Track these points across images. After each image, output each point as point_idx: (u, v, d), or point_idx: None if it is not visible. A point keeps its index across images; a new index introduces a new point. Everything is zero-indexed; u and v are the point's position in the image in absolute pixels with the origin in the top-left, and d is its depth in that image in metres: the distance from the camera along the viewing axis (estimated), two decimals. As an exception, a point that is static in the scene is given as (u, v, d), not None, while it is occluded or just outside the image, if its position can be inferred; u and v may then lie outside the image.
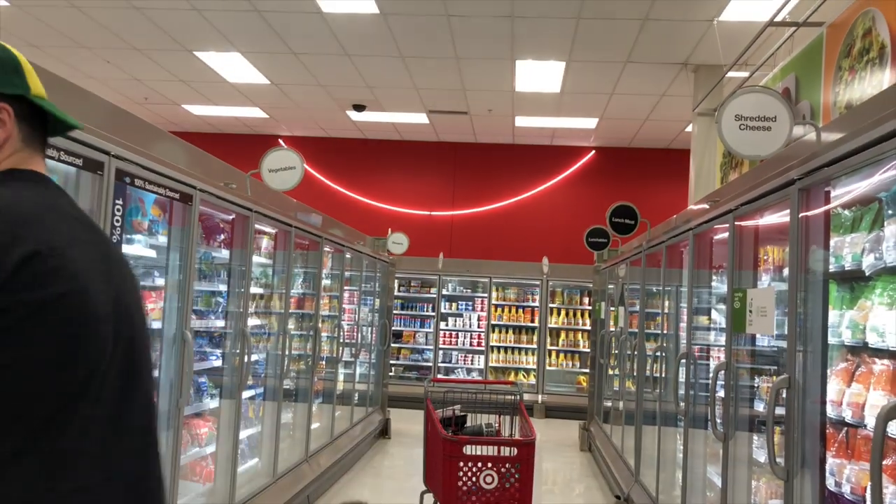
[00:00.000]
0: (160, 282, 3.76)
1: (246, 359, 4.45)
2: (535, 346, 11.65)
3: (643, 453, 5.73)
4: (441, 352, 11.79)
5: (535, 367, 11.57)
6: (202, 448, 4.35)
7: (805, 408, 2.69)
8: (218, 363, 4.47)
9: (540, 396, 11.28)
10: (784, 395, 2.71)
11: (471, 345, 11.82)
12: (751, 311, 3.11)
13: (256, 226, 4.65)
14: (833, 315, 2.75)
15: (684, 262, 4.84)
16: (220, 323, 4.50)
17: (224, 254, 4.51)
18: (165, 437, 3.65)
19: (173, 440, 3.64)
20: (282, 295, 5.36)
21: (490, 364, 11.63)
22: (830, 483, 2.65)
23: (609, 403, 8.06)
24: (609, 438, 7.53)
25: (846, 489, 2.55)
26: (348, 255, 7.21)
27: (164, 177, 3.37)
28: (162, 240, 3.72)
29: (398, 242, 9.41)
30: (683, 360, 4.39)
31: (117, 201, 2.98)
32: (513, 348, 11.74)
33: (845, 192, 2.64)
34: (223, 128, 12.55)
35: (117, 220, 3.00)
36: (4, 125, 1.28)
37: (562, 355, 11.66)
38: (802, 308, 2.69)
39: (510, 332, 11.77)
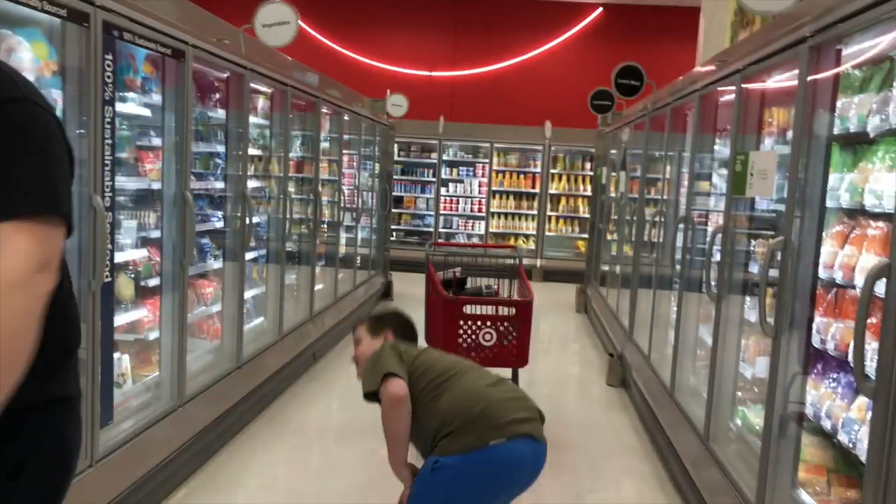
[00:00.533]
0: (157, 142, 3.73)
1: (247, 220, 4.48)
2: (535, 211, 11.71)
3: (637, 315, 5.89)
4: (442, 217, 11.87)
5: (534, 232, 11.69)
6: (208, 307, 4.47)
7: (798, 269, 2.74)
8: (220, 225, 4.50)
9: (539, 261, 11.47)
10: (779, 257, 2.75)
11: (471, 210, 11.88)
12: (752, 175, 3.09)
13: (252, 85, 4.54)
14: (833, 178, 2.74)
15: (688, 126, 4.77)
16: (220, 185, 4.50)
17: (220, 114, 4.43)
18: (172, 297, 3.74)
19: (179, 299, 3.74)
20: (280, 158, 5.32)
21: (490, 230, 11.74)
22: (816, 340, 2.74)
23: (606, 267, 8.22)
24: (605, 300, 7.73)
25: (830, 346, 2.64)
26: (346, 118, 7.09)
27: (154, 31, 3.25)
28: (156, 98, 3.65)
29: (397, 104, 9.23)
30: (682, 224, 4.42)
31: (107, 56, 2.89)
32: (513, 214, 11.81)
33: (857, 50, 2.55)
34: (214, -17, 11.99)
35: (108, 76, 2.93)
36: None
37: (561, 221, 11.75)
38: (804, 171, 2.67)
39: (511, 197, 11.80)
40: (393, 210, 11.62)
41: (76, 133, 2.82)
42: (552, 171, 11.67)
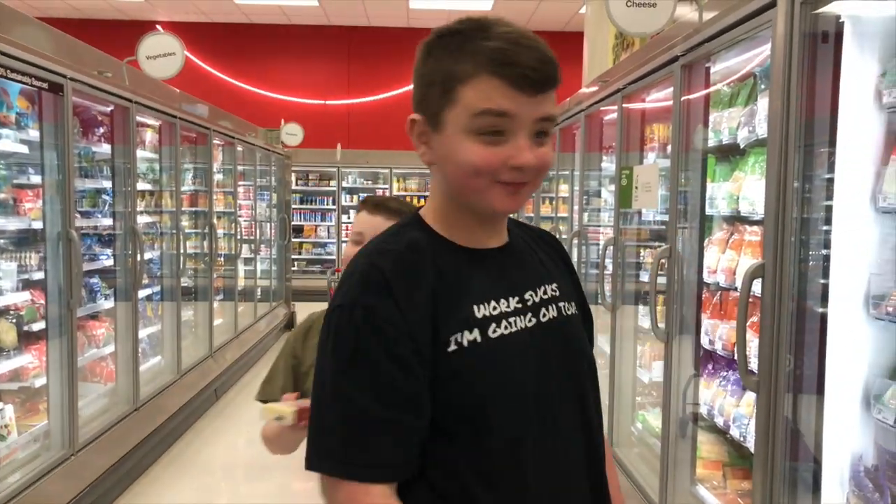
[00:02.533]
0: (36, 179, 3.55)
1: (139, 257, 4.32)
2: (436, 234, 11.80)
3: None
4: (343, 244, 11.78)
5: (437, 254, 11.77)
6: (100, 349, 4.25)
7: (684, 275, 2.88)
8: (109, 263, 4.31)
9: (443, 283, 11.55)
10: (665, 265, 2.89)
11: (373, 236, 11.85)
12: (636, 188, 3.25)
13: (138, 118, 4.40)
14: (711, 188, 2.92)
15: (576, 145, 4.96)
16: (108, 221, 4.32)
17: (105, 148, 4.27)
18: (59, 340, 3.55)
19: (68, 342, 3.54)
20: (172, 192, 5.16)
21: (393, 254, 11.75)
22: (705, 342, 2.89)
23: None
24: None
25: (718, 346, 2.79)
26: (240, 148, 6.97)
27: (28, 64, 3.11)
28: (34, 134, 3.47)
29: (292, 133, 9.14)
30: (576, 240, 4.58)
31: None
32: (415, 237, 11.85)
33: (724, 67, 2.74)
34: (93, 13, 11.57)
35: (-21, 113, 2.77)
36: None
37: (463, 242, 11.89)
38: (683, 181, 2.83)
39: (412, 221, 11.85)
40: (294, 239, 11.45)
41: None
42: (451, 193, 11.82)
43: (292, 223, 11.32)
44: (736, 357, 2.15)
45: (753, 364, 2.20)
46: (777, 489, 1.99)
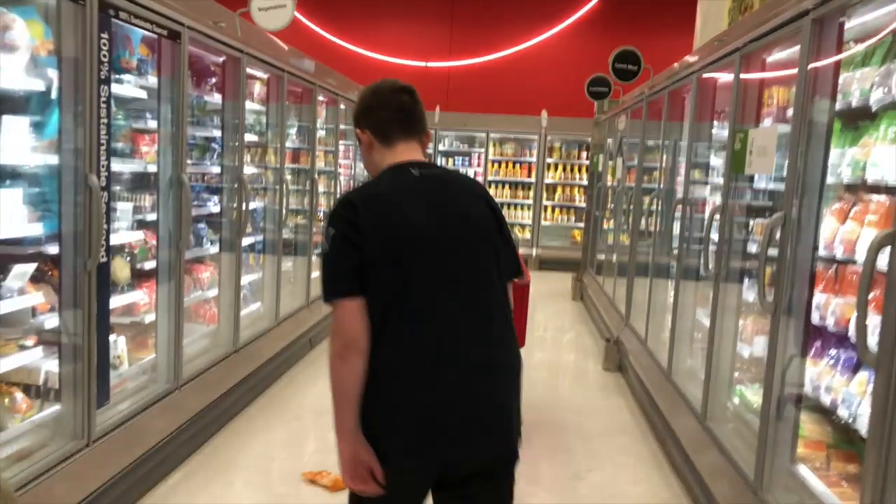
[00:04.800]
0: (152, 125, 3.70)
1: (244, 206, 4.45)
2: (531, 201, 11.69)
3: (634, 301, 5.89)
4: (437, 207, 11.83)
5: (530, 222, 11.68)
6: (204, 292, 4.45)
7: (798, 246, 2.73)
8: (216, 209, 4.47)
9: (535, 250, 11.46)
10: (778, 234, 2.74)
11: (467, 200, 11.84)
12: (751, 152, 3.08)
13: (248, 70, 4.51)
14: (834, 154, 2.73)
15: (686, 112, 4.76)
16: (216, 169, 4.47)
17: (216, 98, 4.40)
18: (168, 280, 3.72)
19: (176, 283, 3.71)
20: (276, 148, 5.28)
21: (486, 219, 11.72)
22: (815, 317, 2.74)
23: (602, 256, 8.21)
24: (601, 288, 7.73)
25: (830, 322, 2.64)
26: (342, 107, 7.05)
27: (151, 11, 3.22)
28: (152, 80, 3.62)
29: (394, 94, 9.18)
30: (679, 207, 4.42)
31: (102, 35, 2.86)
32: (509, 204, 11.78)
33: (860, 23, 2.54)
34: (208, -28, 11.93)
35: (104, 56, 2.90)
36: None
37: (557, 210, 11.74)
38: (805, 146, 2.66)
39: (507, 187, 11.78)
40: (389, 200, 11.58)
41: (72, 112, 2.79)
42: (548, 160, 11.66)
43: (388, 184, 11.44)
44: (853, 332, 2.02)
45: (872, 341, 2.06)
46: (892, 473, 1.87)
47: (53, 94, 2.80)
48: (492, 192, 11.71)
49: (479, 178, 11.70)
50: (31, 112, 2.82)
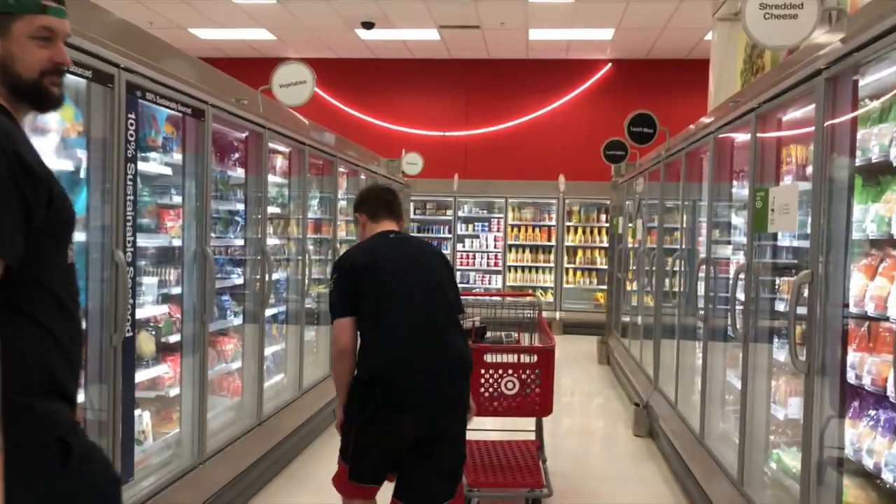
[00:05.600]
0: (177, 200, 3.77)
1: (267, 277, 4.49)
2: (552, 264, 11.68)
3: (662, 364, 5.79)
4: (459, 272, 11.85)
5: (552, 285, 11.63)
6: (228, 364, 4.44)
7: (827, 302, 2.68)
8: (240, 282, 4.51)
9: (558, 314, 11.38)
10: (806, 292, 2.70)
11: (488, 265, 11.87)
12: (773, 210, 3.07)
13: (270, 144, 4.61)
14: (857, 210, 2.71)
15: (704, 173, 4.77)
16: (240, 242, 4.53)
17: (239, 173, 4.49)
18: (192, 353, 3.73)
19: (200, 355, 3.72)
20: (298, 219, 5.35)
21: (508, 283, 11.70)
22: (851, 377, 2.66)
23: (627, 318, 8.13)
24: (628, 351, 7.62)
25: (867, 381, 2.56)
26: (363, 177, 7.16)
27: (175, 91, 3.33)
28: (177, 157, 3.71)
29: (413, 163, 9.34)
30: (703, 267, 4.38)
31: (130, 115, 2.95)
32: (530, 267, 11.78)
33: (874, 80, 2.56)
34: (231, 52, 12.35)
35: (131, 135, 2.98)
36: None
37: (579, 273, 11.69)
38: (826, 203, 2.65)
39: (527, 251, 11.79)
40: (410, 267, 11.62)
41: (100, 190, 2.86)
42: (567, 223, 11.68)
43: (409, 251, 11.51)
44: (891, 392, 1.96)
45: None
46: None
47: (82, 174, 2.88)
48: (512, 255, 11.76)
49: (500, 243, 11.75)
50: (61, 191, 2.88)
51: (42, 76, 1.61)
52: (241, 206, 4.52)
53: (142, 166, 3.24)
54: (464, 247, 11.85)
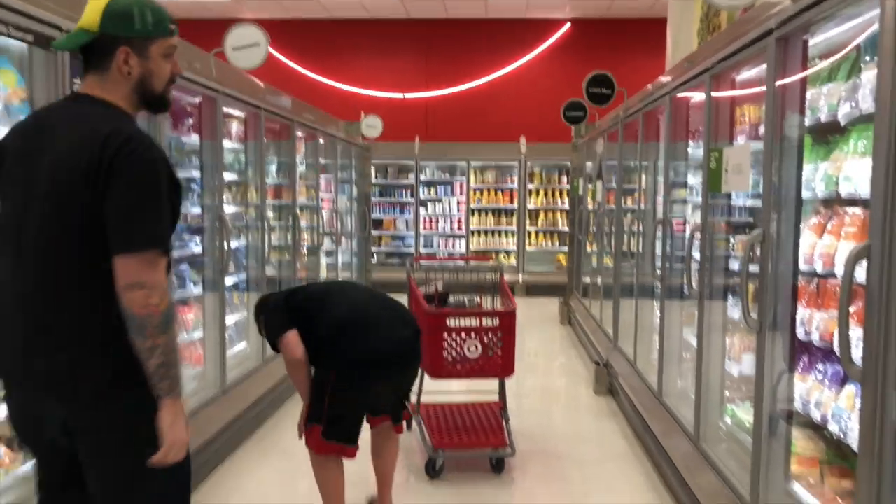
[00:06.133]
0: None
1: (226, 246, 4.43)
2: (514, 227, 11.73)
3: (621, 323, 5.89)
4: (422, 237, 11.85)
5: (515, 248, 11.71)
6: (190, 334, 4.40)
7: (778, 262, 2.74)
8: (198, 249, 4.45)
9: (521, 276, 11.47)
10: (758, 251, 2.75)
11: (451, 229, 11.88)
12: (726, 170, 3.11)
13: (225, 109, 4.52)
14: (807, 169, 2.76)
15: (661, 131, 4.81)
16: (196, 210, 4.46)
17: (194, 139, 4.40)
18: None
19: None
20: (257, 185, 5.27)
21: (471, 247, 11.73)
22: (801, 333, 2.74)
23: (588, 279, 8.23)
24: (588, 311, 7.73)
25: (815, 337, 2.64)
26: (322, 141, 7.08)
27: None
28: (127, 124, 3.60)
29: (372, 125, 9.25)
30: (660, 227, 4.44)
31: (75, 80, 2.85)
32: (493, 231, 11.82)
33: (823, 39, 2.59)
34: (182, 13, 11.98)
35: (77, 102, 2.88)
36: None
37: (541, 235, 11.78)
38: (777, 163, 2.69)
39: (490, 214, 11.82)
40: (373, 232, 11.59)
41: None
42: (529, 186, 11.72)
43: (372, 216, 11.47)
44: (836, 346, 2.02)
45: (856, 356, 2.07)
46: (886, 491, 1.86)
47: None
48: (475, 219, 11.77)
49: (463, 207, 11.75)
50: (5, 161, 2.79)
51: (166, 87, 1.97)
52: (197, 173, 4.44)
53: (90, 134, 3.15)
54: (427, 211, 11.82)
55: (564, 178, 11.61)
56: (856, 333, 2.11)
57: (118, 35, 1.85)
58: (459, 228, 11.82)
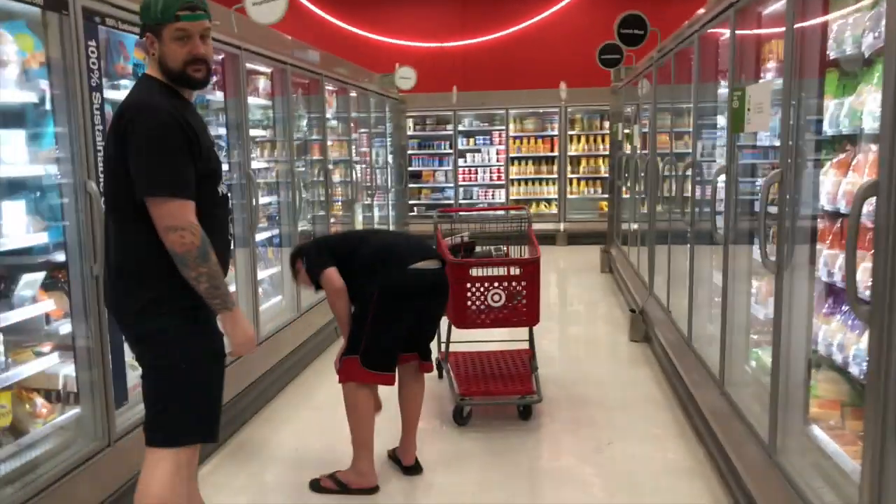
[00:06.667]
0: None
1: (254, 201, 4.50)
2: (555, 175, 11.59)
3: (656, 270, 5.82)
4: (461, 188, 11.82)
5: (556, 196, 11.58)
6: (222, 288, 4.50)
7: (799, 201, 2.66)
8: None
9: (562, 225, 11.38)
10: (777, 191, 2.67)
11: (490, 179, 11.81)
12: (749, 110, 3.01)
13: (249, 65, 4.53)
14: (832, 105, 2.64)
15: (692, 73, 4.65)
16: (224, 167, 4.51)
17: (219, 96, 4.44)
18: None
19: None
20: (284, 142, 5.31)
21: (511, 197, 11.66)
22: (823, 274, 2.67)
23: (626, 226, 8.12)
24: (627, 259, 7.65)
25: (837, 278, 2.57)
26: (353, 94, 7.06)
27: (137, 15, 3.24)
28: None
29: (406, 77, 9.17)
30: (689, 171, 4.34)
31: (90, 42, 2.90)
32: (533, 179, 11.71)
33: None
34: (218, -28, 12.00)
35: (93, 63, 2.94)
36: None
37: (583, 182, 11.62)
38: (797, 98, 2.59)
39: (530, 163, 11.70)
40: (411, 185, 11.60)
41: (66, 121, 2.84)
42: (570, 132, 11.53)
43: (410, 169, 11.46)
44: (845, 285, 1.97)
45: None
46: (890, 433, 1.82)
47: (48, 105, 2.86)
48: (514, 168, 11.67)
49: (502, 156, 11.64)
50: (28, 124, 2.88)
51: (185, 66, 2.27)
52: (223, 131, 4.49)
53: (113, 94, 3.21)
54: (465, 162, 11.76)
55: (606, 124, 11.38)
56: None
57: (145, 23, 2.29)
58: (499, 178, 11.74)
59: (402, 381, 3.50)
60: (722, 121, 4.16)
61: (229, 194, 2.67)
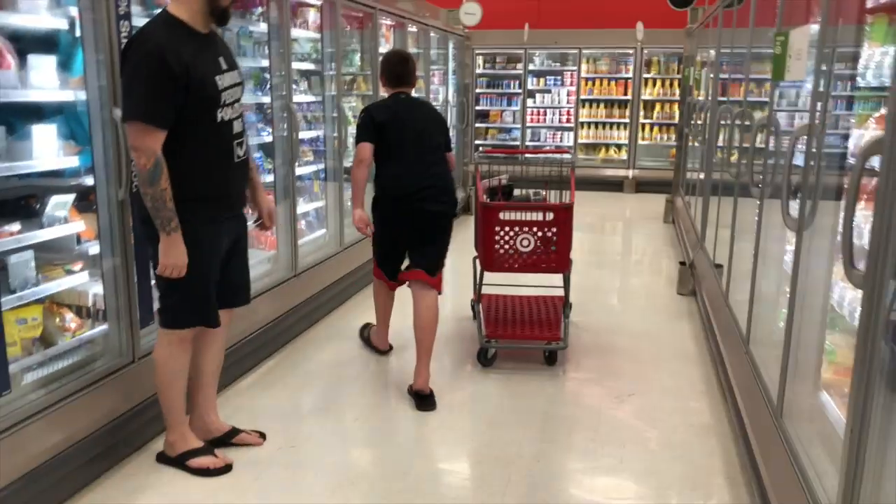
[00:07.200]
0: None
1: (294, 135, 4.54)
2: (627, 119, 11.22)
3: (708, 222, 5.61)
4: (529, 130, 11.61)
5: (626, 141, 11.24)
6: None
7: (827, 157, 2.49)
8: (269, 139, 4.59)
9: (630, 171, 11.07)
10: (804, 145, 2.51)
11: (559, 122, 11.54)
12: (790, 56, 2.81)
13: (295, -3, 4.51)
14: (877, 53, 2.44)
15: (750, 18, 4.35)
16: (267, 99, 4.56)
17: (262, 28, 4.45)
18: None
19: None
20: (332, 76, 5.30)
21: (580, 140, 11.38)
22: (855, 234, 2.50)
23: (690, 175, 7.82)
24: (687, 209, 7.40)
25: (867, 239, 2.41)
26: (413, 29, 6.96)
27: (169, -56, 3.26)
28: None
29: (471, 13, 8.96)
30: (738, 121, 4.12)
31: (116, -22, 2.94)
32: (604, 123, 11.37)
33: None
34: None
35: (122, -10, 2.98)
36: None
37: (655, 128, 11.21)
38: (832, 45, 2.40)
39: (601, 106, 11.34)
40: (478, 125, 11.46)
41: (93, 48, 2.91)
42: (645, 75, 11.09)
43: (478, 108, 11.30)
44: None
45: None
46: (870, 403, 1.73)
47: (77, 32, 2.93)
48: (584, 111, 11.34)
49: (572, 98, 11.32)
50: (59, 50, 2.97)
51: (231, 2, 2.68)
52: (265, 63, 4.52)
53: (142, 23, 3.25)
54: (534, 102, 11.50)
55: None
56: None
57: None
58: (568, 120, 11.45)
59: (413, 297, 3.71)
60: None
61: (237, 120, 2.84)
